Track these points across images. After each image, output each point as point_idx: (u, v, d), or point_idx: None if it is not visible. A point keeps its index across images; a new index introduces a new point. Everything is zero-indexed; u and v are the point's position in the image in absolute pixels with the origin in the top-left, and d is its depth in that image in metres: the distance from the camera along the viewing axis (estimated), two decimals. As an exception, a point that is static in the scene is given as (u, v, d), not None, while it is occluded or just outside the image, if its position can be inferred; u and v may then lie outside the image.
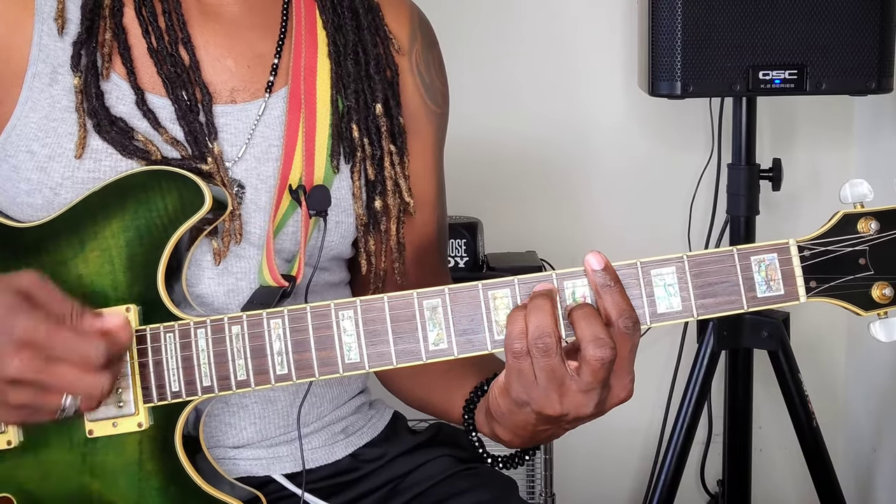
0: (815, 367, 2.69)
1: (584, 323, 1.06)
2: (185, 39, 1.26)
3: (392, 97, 1.34)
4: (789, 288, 1.08)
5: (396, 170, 1.33)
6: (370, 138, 1.32)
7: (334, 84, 1.31)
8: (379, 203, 1.32)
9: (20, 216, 1.22)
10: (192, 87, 1.25)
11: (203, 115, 1.24)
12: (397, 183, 1.33)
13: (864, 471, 2.75)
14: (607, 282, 1.07)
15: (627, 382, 1.09)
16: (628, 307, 1.07)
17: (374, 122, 1.32)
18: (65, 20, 1.23)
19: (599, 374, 1.05)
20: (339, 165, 1.30)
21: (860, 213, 1.09)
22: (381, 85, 1.33)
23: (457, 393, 1.27)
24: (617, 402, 1.10)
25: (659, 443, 2.62)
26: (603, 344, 1.04)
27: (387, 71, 1.35)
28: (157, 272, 1.16)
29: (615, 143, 2.79)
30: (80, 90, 1.21)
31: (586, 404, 1.07)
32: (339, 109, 1.31)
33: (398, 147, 1.33)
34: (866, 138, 2.74)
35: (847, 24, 2.13)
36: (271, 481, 1.32)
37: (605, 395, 1.08)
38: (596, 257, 1.08)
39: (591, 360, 1.04)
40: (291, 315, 1.12)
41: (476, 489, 1.34)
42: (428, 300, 1.10)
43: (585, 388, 1.06)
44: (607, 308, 1.07)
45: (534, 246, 2.64)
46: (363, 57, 1.33)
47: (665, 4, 2.15)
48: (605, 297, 1.07)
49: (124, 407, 1.14)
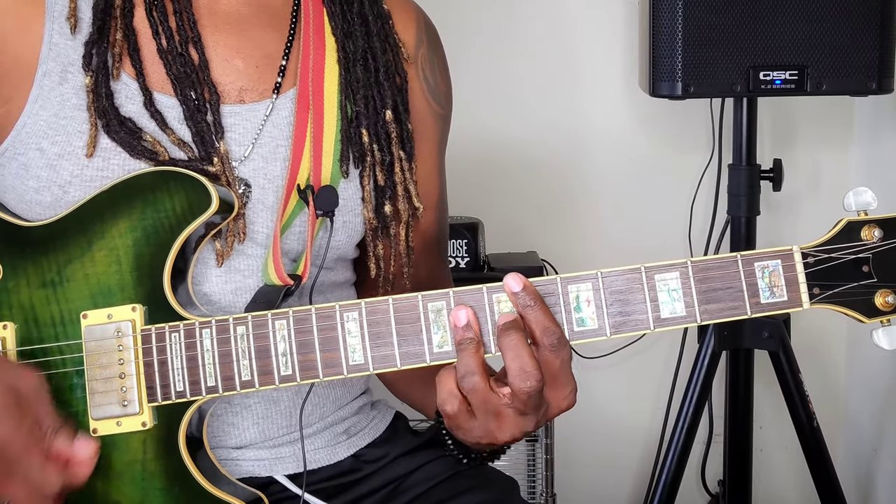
0: (816, 368, 2.69)
1: (511, 354, 1.08)
2: (195, 39, 1.27)
3: (401, 103, 1.35)
4: (793, 294, 1.09)
5: (406, 175, 1.34)
6: (379, 144, 1.32)
7: (343, 89, 1.32)
8: (389, 208, 1.33)
9: (28, 214, 1.23)
10: (200, 87, 1.25)
11: (210, 115, 1.25)
12: (407, 188, 1.34)
13: (865, 471, 2.75)
14: (528, 302, 1.09)
15: (568, 393, 1.12)
16: (551, 324, 1.09)
17: (384, 127, 1.33)
18: (77, 19, 1.23)
19: (530, 402, 1.09)
20: (348, 170, 1.30)
21: (864, 221, 1.09)
22: (391, 91, 1.34)
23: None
24: (559, 412, 1.13)
25: (660, 443, 2.63)
26: (530, 377, 1.07)
27: (396, 77, 1.35)
28: (163, 272, 1.16)
29: (616, 143, 2.79)
30: (91, 90, 1.21)
31: (526, 424, 1.11)
32: (348, 114, 1.31)
33: (407, 153, 1.34)
34: (867, 139, 2.74)
35: (847, 25, 2.13)
36: (273, 482, 1.32)
37: (545, 410, 1.11)
38: (514, 279, 1.10)
39: (520, 392, 1.07)
40: (296, 316, 1.13)
41: (477, 489, 1.35)
42: (433, 303, 1.11)
43: (521, 413, 1.09)
44: (532, 327, 1.09)
45: (534, 246, 2.64)
46: (372, 64, 1.33)
47: (666, 5, 2.15)
48: (528, 317, 1.09)
49: (128, 406, 1.14)
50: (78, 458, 1.09)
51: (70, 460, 1.09)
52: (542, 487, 2.45)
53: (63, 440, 1.09)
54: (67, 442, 1.09)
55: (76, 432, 1.11)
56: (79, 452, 1.09)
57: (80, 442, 1.10)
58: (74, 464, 1.09)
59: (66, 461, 1.09)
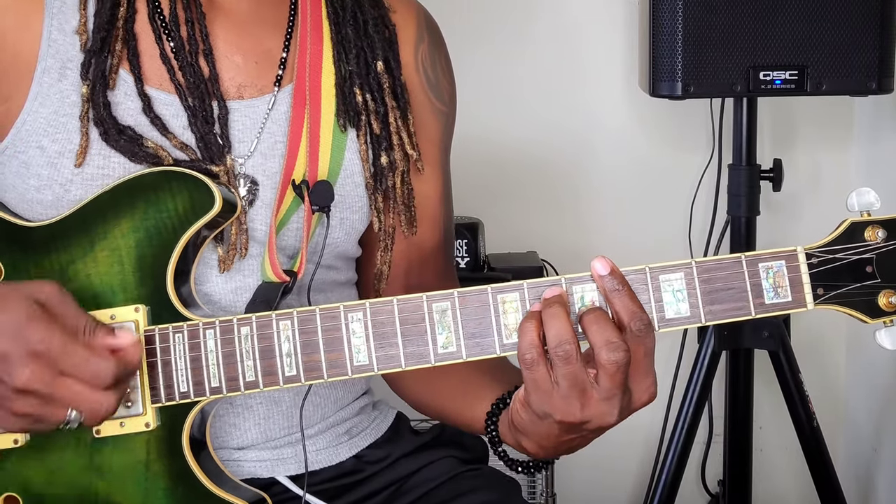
0: (816, 368, 2.69)
1: (596, 328, 1.06)
2: (206, 51, 1.26)
3: (392, 56, 1.35)
4: (797, 295, 1.09)
5: (399, 124, 1.34)
6: (373, 95, 1.32)
7: (336, 48, 1.32)
8: (385, 159, 1.32)
9: (29, 214, 1.22)
10: (209, 98, 1.25)
11: (218, 126, 1.25)
12: (401, 137, 1.34)
13: (865, 471, 2.75)
14: (615, 286, 1.07)
15: (649, 384, 1.10)
16: (639, 310, 1.07)
17: (376, 79, 1.33)
18: (87, 34, 1.23)
19: (616, 378, 1.06)
20: (345, 125, 1.30)
21: (867, 222, 1.10)
22: (381, 44, 1.34)
23: (477, 404, 1.27)
24: (640, 405, 1.11)
25: (660, 443, 2.63)
26: (616, 347, 1.05)
27: (385, 31, 1.35)
28: (166, 273, 1.16)
29: (616, 143, 2.79)
30: (87, 99, 1.21)
31: (609, 412, 1.08)
32: (342, 72, 1.32)
33: (400, 105, 1.34)
34: (867, 139, 2.74)
35: (847, 25, 2.13)
36: (275, 483, 1.32)
37: (627, 400, 1.09)
38: (602, 262, 1.08)
39: (606, 365, 1.05)
40: (300, 317, 1.12)
41: (479, 490, 1.35)
42: (437, 303, 1.10)
43: (606, 395, 1.06)
44: (618, 312, 1.07)
45: (535, 246, 2.64)
46: (361, 17, 1.34)
47: (666, 5, 2.15)
48: (615, 301, 1.07)
49: (132, 407, 1.14)
50: (122, 344, 1.09)
51: (116, 349, 1.09)
52: (542, 487, 2.45)
53: (103, 333, 1.09)
54: (108, 333, 1.09)
55: (111, 326, 1.12)
56: (121, 340, 1.09)
57: (120, 331, 1.11)
58: (121, 351, 1.09)
59: (112, 351, 1.08)
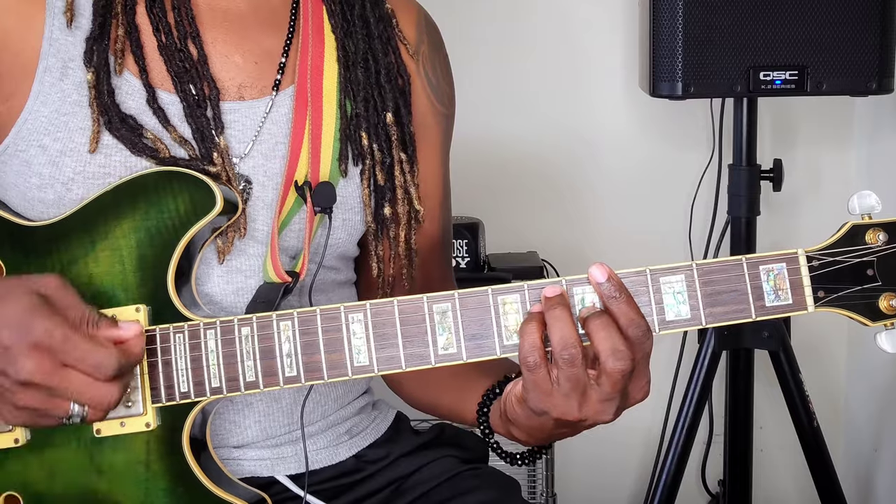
0: (816, 368, 2.69)
1: (604, 334, 1.06)
2: (193, 34, 1.26)
3: (403, 105, 1.34)
4: (797, 297, 1.09)
5: (407, 178, 1.33)
6: (380, 145, 1.32)
7: (342, 87, 1.31)
8: (388, 210, 1.33)
9: (31, 213, 1.23)
10: (200, 82, 1.25)
11: (210, 110, 1.25)
12: (407, 191, 1.34)
13: (865, 471, 2.76)
14: (613, 293, 1.07)
15: (643, 384, 1.10)
16: (637, 316, 1.07)
17: (385, 129, 1.32)
18: (73, 13, 1.23)
19: (619, 385, 1.06)
20: (346, 169, 1.30)
21: (868, 225, 1.10)
22: (392, 94, 1.33)
23: (468, 396, 1.28)
24: (633, 402, 1.12)
25: (660, 443, 2.63)
26: (622, 356, 1.05)
27: (398, 80, 1.35)
28: (167, 273, 1.16)
29: (616, 143, 2.79)
30: (93, 86, 1.21)
31: (606, 411, 1.09)
32: (347, 112, 1.31)
33: (408, 155, 1.34)
34: (867, 139, 2.75)
35: (848, 25, 2.14)
36: (275, 482, 1.32)
37: (623, 400, 1.10)
38: (599, 269, 1.08)
39: (612, 373, 1.05)
40: (301, 317, 1.12)
41: (479, 489, 1.35)
42: (438, 304, 1.10)
43: (605, 397, 1.07)
44: (617, 318, 1.07)
45: (535, 246, 2.65)
46: (373, 66, 1.33)
47: (666, 5, 2.16)
48: (613, 308, 1.07)
49: (132, 407, 1.14)
50: (125, 336, 1.09)
51: (119, 340, 1.09)
52: (543, 487, 2.45)
53: (106, 324, 1.09)
54: (111, 324, 1.09)
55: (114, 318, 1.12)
56: (125, 332, 1.09)
57: (123, 323, 1.11)
58: (124, 342, 1.09)
59: (114, 342, 1.08)
